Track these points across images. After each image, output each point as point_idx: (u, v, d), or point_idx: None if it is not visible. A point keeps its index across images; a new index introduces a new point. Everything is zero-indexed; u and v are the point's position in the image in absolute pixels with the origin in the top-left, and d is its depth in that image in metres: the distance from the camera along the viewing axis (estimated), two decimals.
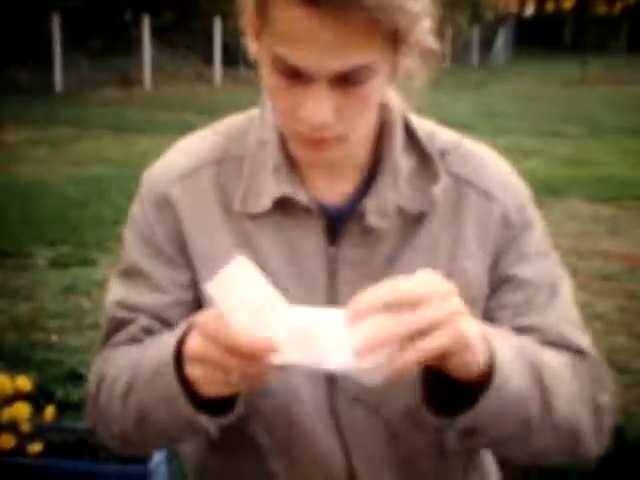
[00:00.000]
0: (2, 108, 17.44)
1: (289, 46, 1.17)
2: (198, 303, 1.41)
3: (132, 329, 1.40)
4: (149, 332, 1.39)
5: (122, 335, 1.41)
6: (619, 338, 5.87)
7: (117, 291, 1.45)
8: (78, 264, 7.37)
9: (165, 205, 1.41)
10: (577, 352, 1.39)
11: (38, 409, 3.57)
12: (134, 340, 1.39)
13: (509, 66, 37.01)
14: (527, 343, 1.32)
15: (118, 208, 8.95)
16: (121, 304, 1.42)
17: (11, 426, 3.36)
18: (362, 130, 1.31)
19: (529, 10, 63.69)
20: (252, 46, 1.30)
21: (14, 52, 21.73)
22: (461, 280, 1.36)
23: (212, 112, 17.96)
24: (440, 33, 1.31)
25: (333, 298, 1.37)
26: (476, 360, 1.16)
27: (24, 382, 3.52)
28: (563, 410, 1.29)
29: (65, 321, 6.03)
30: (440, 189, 1.38)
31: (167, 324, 1.39)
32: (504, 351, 1.22)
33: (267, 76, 1.25)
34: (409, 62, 1.29)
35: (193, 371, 1.15)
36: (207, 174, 1.41)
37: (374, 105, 1.28)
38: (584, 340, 1.41)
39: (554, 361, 1.33)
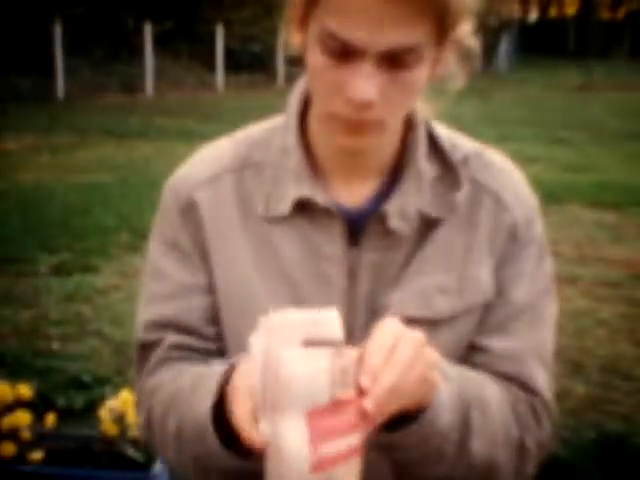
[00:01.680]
0: (4, 115, 17.48)
1: (341, 20, 1.19)
2: (217, 307, 1.43)
3: (160, 352, 1.44)
4: (178, 347, 1.42)
5: (153, 360, 1.45)
6: (622, 345, 5.86)
7: (143, 313, 1.48)
8: (80, 271, 7.36)
9: (189, 209, 1.43)
10: (528, 390, 1.41)
11: (39, 417, 3.57)
12: (167, 359, 1.43)
13: (512, 72, 37.00)
14: (473, 376, 1.35)
15: (120, 215, 8.95)
16: (149, 325, 1.46)
17: (12, 434, 3.36)
18: (399, 119, 1.33)
19: (532, 16, 63.81)
20: (295, 37, 1.32)
21: (16, 59, 21.76)
22: (471, 287, 1.40)
23: (215, 118, 18.01)
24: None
25: (351, 300, 1.39)
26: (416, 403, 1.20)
27: (25, 390, 3.51)
28: (480, 451, 1.32)
29: (67, 328, 6.02)
30: (462, 196, 1.39)
31: (192, 332, 1.42)
32: (445, 391, 1.24)
33: (314, 57, 1.25)
34: (450, 60, 1.32)
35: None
36: (228, 181, 1.43)
37: (415, 94, 1.29)
38: (542, 380, 1.43)
39: (494, 398, 1.35)
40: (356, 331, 1.36)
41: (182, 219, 1.43)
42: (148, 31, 24.93)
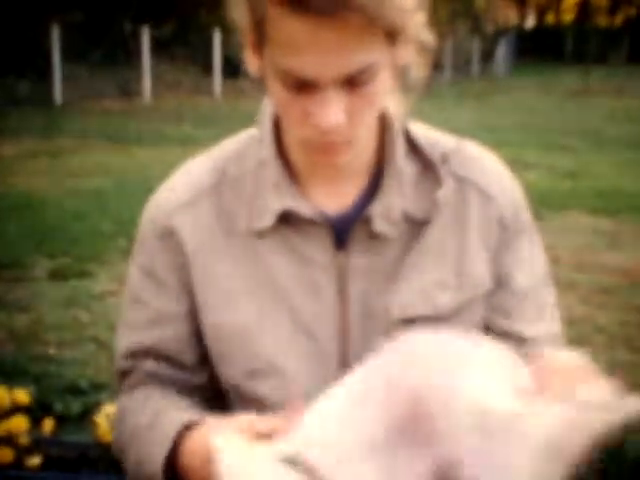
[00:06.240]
0: (1, 119, 17.46)
1: (291, 58, 1.17)
2: (197, 334, 1.44)
3: (135, 377, 1.47)
4: (153, 376, 1.45)
5: (129, 382, 1.48)
6: (620, 352, 5.86)
7: (122, 340, 1.50)
8: (77, 276, 7.35)
9: (167, 236, 1.42)
10: None
11: (36, 422, 3.56)
12: (142, 383, 1.46)
13: (510, 78, 37.04)
14: None
15: (117, 220, 8.94)
16: (127, 353, 1.48)
17: (9, 439, 3.35)
18: (367, 128, 1.32)
19: (529, 22, 63.90)
20: (252, 61, 1.31)
21: (13, 63, 21.74)
22: (469, 281, 1.40)
23: (212, 123, 17.98)
24: (439, 45, 1.31)
25: (343, 305, 1.38)
26: None
27: (22, 395, 3.51)
28: None
29: (64, 334, 6.00)
30: (444, 194, 1.39)
31: (169, 360, 1.44)
32: None
33: (274, 89, 1.25)
34: (406, 56, 1.30)
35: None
36: (207, 202, 1.42)
37: (380, 101, 1.28)
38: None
39: None
40: (350, 335, 1.37)
41: (160, 245, 1.42)
42: (146, 36, 24.94)
